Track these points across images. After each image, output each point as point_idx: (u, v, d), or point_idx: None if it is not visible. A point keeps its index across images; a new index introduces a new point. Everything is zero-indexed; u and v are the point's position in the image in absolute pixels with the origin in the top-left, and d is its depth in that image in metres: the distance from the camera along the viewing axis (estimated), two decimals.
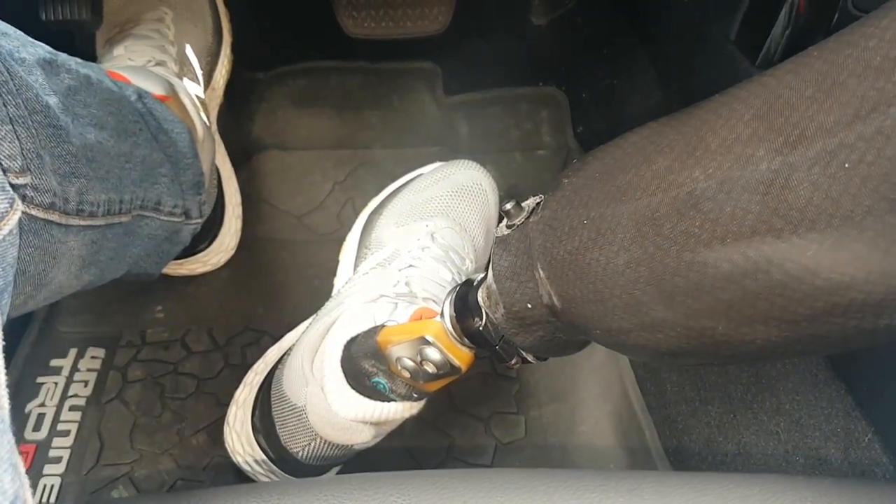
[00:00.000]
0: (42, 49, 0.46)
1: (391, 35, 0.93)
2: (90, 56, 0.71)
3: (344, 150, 0.94)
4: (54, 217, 0.43)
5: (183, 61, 0.77)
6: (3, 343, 0.30)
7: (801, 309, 0.29)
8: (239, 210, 0.85)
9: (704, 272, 0.30)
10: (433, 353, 0.50)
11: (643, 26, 0.84)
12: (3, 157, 0.36)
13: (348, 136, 0.95)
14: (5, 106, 0.37)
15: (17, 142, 0.38)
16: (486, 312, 0.46)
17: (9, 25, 0.44)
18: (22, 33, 0.45)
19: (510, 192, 0.90)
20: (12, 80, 0.39)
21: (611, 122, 0.90)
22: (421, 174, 0.75)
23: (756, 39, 0.57)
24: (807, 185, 0.27)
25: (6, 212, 0.35)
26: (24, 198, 0.40)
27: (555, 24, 0.96)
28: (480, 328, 0.47)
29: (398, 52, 0.97)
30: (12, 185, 0.38)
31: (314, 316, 0.65)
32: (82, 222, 0.47)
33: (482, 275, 0.48)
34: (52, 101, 0.44)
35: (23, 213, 0.39)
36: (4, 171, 0.36)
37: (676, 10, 0.70)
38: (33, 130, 0.40)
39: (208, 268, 0.82)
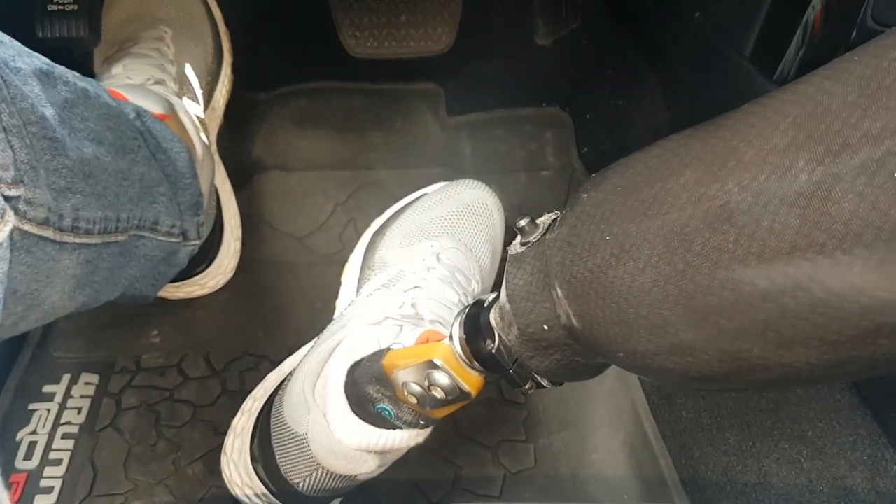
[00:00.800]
0: (38, 60, 0.44)
1: (394, 55, 0.92)
2: (87, 75, 0.70)
3: (346, 171, 0.93)
4: (48, 233, 0.41)
5: (182, 80, 0.76)
6: None
7: (844, 329, 0.27)
8: (238, 231, 0.83)
9: (740, 290, 0.28)
10: (442, 378, 0.48)
11: (650, 45, 0.83)
12: None
13: (350, 157, 0.94)
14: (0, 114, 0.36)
15: (10, 151, 0.36)
16: (499, 334, 0.44)
17: (4, 34, 0.42)
18: (18, 43, 0.43)
19: (514, 212, 0.88)
20: (7, 88, 0.37)
21: (616, 142, 0.89)
22: (425, 194, 0.74)
23: (773, 56, 0.56)
24: (852, 197, 0.25)
25: None
26: (16, 211, 0.38)
27: (559, 45, 0.95)
28: (493, 351, 0.45)
29: (401, 72, 0.96)
30: (4, 197, 0.36)
31: (316, 339, 0.63)
32: (77, 240, 0.45)
33: (494, 295, 0.46)
34: (49, 112, 0.42)
35: (15, 227, 0.38)
36: None
37: (687, 29, 0.70)
38: (28, 141, 0.38)
39: (206, 291, 0.80)
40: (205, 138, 0.72)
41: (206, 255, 0.77)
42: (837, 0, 0.54)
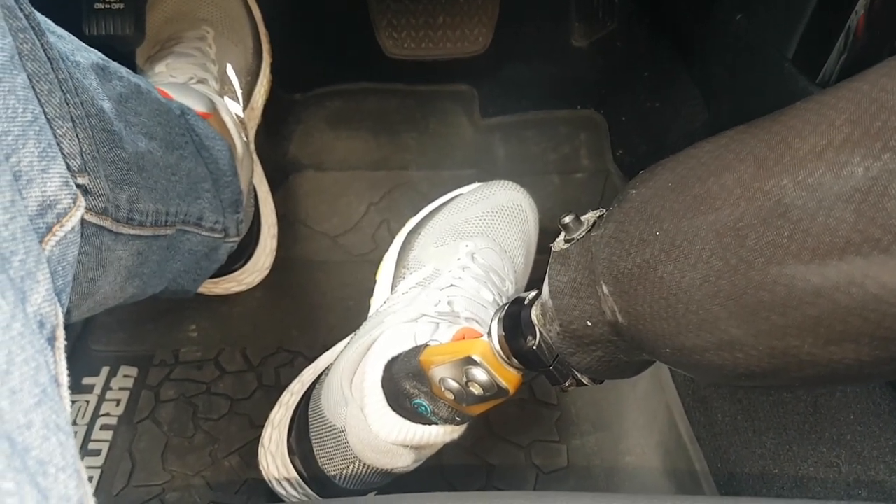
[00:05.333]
0: (95, 54, 0.46)
1: (431, 56, 0.93)
2: None
3: (380, 172, 0.94)
4: (106, 223, 0.43)
5: (224, 80, 0.77)
6: None
7: None
8: (274, 230, 0.85)
9: (792, 286, 0.28)
10: (480, 374, 0.48)
11: (688, 47, 0.83)
12: (65, 154, 0.36)
13: (384, 158, 0.95)
14: (67, 104, 0.37)
15: (76, 141, 0.37)
16: (540, 331, 0.44)
17: (63, 29, 0.44)
18: (76, 38, 0.45)
19: (548, 215, 0.88)
20: (71, 80, 0.38)
21: (652, 145, 0.88)
22: (460, 194, 0.74)
23: (815, 60, 0.55)
24: None
25: (69, 207, 0.35)
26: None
27: (595, 47, 0.95)
28: (534, 347, 0.45)
29: (436, 74, 0.97)
30: (75, 184, 0.37)
31: (352, 335, 0.64)
32: (131, 231, 0.46)
33: (535, 292, 0.47)
34: (106, 106, 0.43)
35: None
36: (68, 168, 0.36)
37: (727, 30, 0.69)
38: (90, 132, 0.39)
39: (243, 287, 0.81)
40: (244, 137, 0.73)
41: (243, 252, 0.78)
42: (881, 6, 0.53)
